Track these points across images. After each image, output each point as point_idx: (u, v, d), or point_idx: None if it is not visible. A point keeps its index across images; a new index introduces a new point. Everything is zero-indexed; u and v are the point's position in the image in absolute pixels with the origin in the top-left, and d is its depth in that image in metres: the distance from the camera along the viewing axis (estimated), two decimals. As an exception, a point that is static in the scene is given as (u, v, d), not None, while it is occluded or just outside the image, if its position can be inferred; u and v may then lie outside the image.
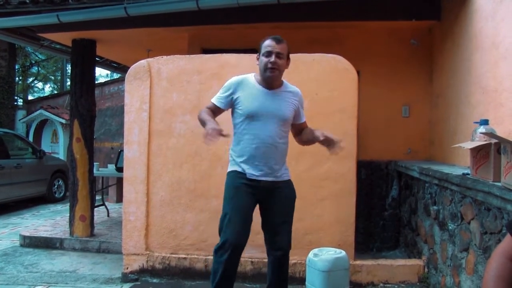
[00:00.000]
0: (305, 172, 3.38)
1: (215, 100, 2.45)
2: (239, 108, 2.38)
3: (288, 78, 3.40)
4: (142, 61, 3.64)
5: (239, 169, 2.39)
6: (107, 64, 6.91)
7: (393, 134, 4.46)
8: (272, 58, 2.29)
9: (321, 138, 2.41)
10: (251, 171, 2.36)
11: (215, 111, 2.43)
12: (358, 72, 3.48)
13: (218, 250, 2.31)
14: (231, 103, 2.43)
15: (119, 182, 6.54)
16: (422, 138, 4.47)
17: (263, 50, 2.33)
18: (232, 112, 2.47)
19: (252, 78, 2.43)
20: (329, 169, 3.40)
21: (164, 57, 3.61)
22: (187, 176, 3.52)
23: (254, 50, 4.24)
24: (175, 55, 3.60)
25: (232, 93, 2.40)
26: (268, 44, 2.33)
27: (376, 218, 4.53)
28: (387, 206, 4.52)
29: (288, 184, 2.50)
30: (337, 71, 3.42)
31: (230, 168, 2.46)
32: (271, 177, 2.39)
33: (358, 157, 3.49)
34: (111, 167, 6.24)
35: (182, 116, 3.54)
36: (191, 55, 3.75)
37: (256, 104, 2.35)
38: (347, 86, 3.40)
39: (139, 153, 3.57)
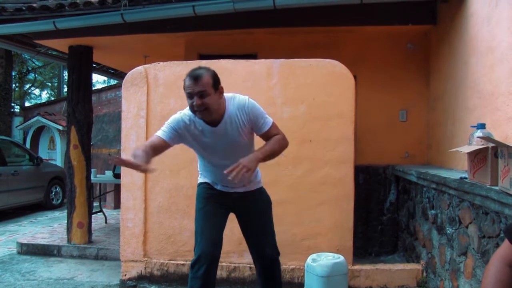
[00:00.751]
0: (303, 177, 3.38)
1: (162, 133, 2.21)
2: (189, 146, 2.29)
3: (285, 83, 3.44)
4: (139, 67, 3.64)
5: (211, 181, 2.38)
6: (104, 70, 6.91)
7: (390, 138, 4.47)
8: (195, 101, 2.05)
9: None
10: (221, 187, 2.35)
11: (160, 147, 2.21)
12: (355, 77, 3.49)
13: (194, 265, 2.21)
14: (178, 140, 2.24)
15: (117, 188, 6.51)
16: (419, 142, 4.48)
17: (185, 91, 2.11)
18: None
19: (192, 116, 2.19)
20: (327, 174, 3.40)
21: (161, 63, 3.61)
22: (185, 182, 3.51)
23: (251, 55, 4.30)
24: (172, 61, 3.60)
25: (177, 136, 2.21)
26: (187, 85, 2.08)
27: (374, 223, 4.52)
28: (385, 211, 4.52)
29: (260, 191, 2.44)
30: (334, 76, 3.42)
31: (199, 180, 2.45)
32: (241, 188, 2.33)
33: (355, 162, 3.49)
34: (109, 173, 6.23)
35: (180, 122, 3.53)
36: (188, 61, 3.75)
37: (206, 143, 2.21)
38: (344, 91, 3.41)
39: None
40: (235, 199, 2.35)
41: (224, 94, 2.19)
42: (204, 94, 2.05)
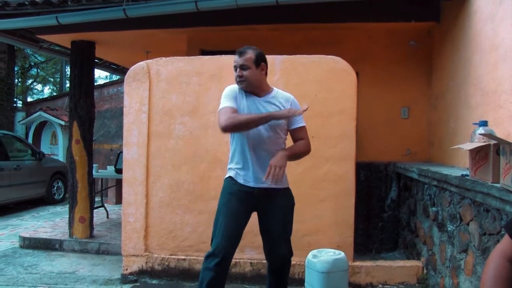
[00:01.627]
0: (304, 173, 3.38)
1: (230, 103, 2.33)
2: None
3: (287, 79, 3.44)
4: (141, 62, 3.64)
5: (234, 176, 2.39)
6: (106, 66, 6.90)
7: (392, 135, 4.46)
8: (237, 72, 2.35)
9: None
10: (245, 179, 2.35)
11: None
12: (357, 74, 3.48)
13: (208, 257, 2.28)
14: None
15: (119, 183, 6.52)
16: (421, 140, 4.47)
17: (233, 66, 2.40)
18: None
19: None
20: (328, 170, 3.39)
21: (163, 58, 3.61)
22: (186, 178, 3.52)
23: (253, 51, 4.28)
24: (174, 57, 3.60)
25: (235, 97, 2.38)
26: (234, 59, 2.38)
27: (375, 220, 4.52)
28: (386, 208, 4.52)
29: (286, 191, 2.45)
30: (336, 72, 3.42)
31: (227, 174, 2.46)
32: (267, 184, 2.32)
33: (357, 159, 3.48)
34: (110, 168, 6.23)
35: (181, 117, 3.54)
36: (190, 57, 3.75)
37: (247, 111, 2.34)
38: (346, 88, 3.40)
39: (138, 155, 3.57)
40: (259, 197, 2.35)
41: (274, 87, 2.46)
42: (245, 67, 2.32)
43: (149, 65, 3.61)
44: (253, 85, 2.35)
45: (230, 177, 2.41)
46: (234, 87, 2.42)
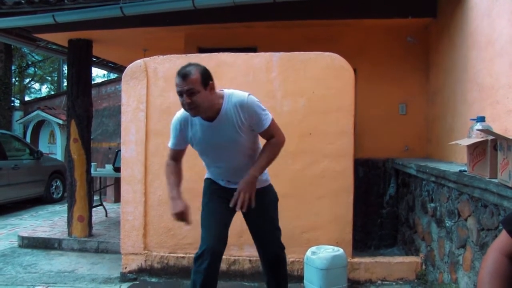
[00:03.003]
0: (302, 170, 3.38)
1: (171, 144, 2.32)
2: (193, 146, 2.31)
3: (284, 76, 3.43)
4: (139, 60, 3.63)
5: (214, 177, 2.40)
6: (103, 64, 6.89)
7: (390, 132, 4.46)
8: (185, 99, 2.04)
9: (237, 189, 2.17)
10: (224, 183, 2.36)
11: (177, 154, 2.35)
12: (354, 70, 3.47)
13: (197, 259, 2.23)
14: (185, 140, 2.29)
15: (117, 182, 6.51)
16: (419, 136, 4.48)
17: (176, 90, 2.09)
18: None
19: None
20: (326, 167, 3.40)
21: (161, 56, 3.60)
22: (185, 175, 3.47)
23: (251, 49, 4.28)
24: (172, 55, 3.59)
25: (180, 132, 2.26)
26: (176, 83, 2.06)
27: (374, 216, 4.53)
28: (385, 204, 4.53)
29: (265, 189, 2.41)
30: (333, 69, 3.41)
31: (206, 175, 2.46)
32: None
33: (355, 155, 3.48)
34: (109, 167, 6.23)
35: (179, 115, 3.53)
36: (187, 54, 3.74)
37: (204, 140, 2.22)
38: (344, 84, 3.40)
39: (137, 153, 3.56)
40: None
41: (224, 90, 2.18)
42: (193, 92, 2.02)
43: (147, 63, 3.60)
44: (205, 110, 2.09)
45: (209, 178, 2.43)
46: (179, 116, 2.24)
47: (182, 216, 2.22)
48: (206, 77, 2.07)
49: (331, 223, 3.40)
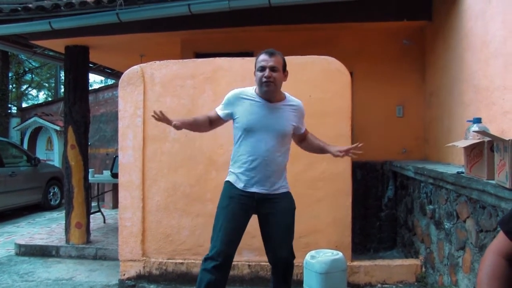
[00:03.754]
0: (301, 173, 3.38)
1: (218, 109, 2.45)
2: (237, 122, 2.39)
3: None
4: (135, 66, 3.64)
5: (235, 180, 2.39)
6: (100, 70, 6.89)
7: (387, 134, 4.48)
8: (266, 72, 2.27)
9: (341, 155, 2.45)
10: (246, 183, 2.36)
11: (215, 120, 2.46)
12: (351, 73, 3.50)
13: (207, 259, 2.30)
14: (230, 116, 2.43)
15: (115, 188, 6.50)
16: (416, 138, 4.49)
17: (257, 65, 2.33)
18: (233, 124, 2.47)
19: (251, 91, 2.41)
20: (325, 170, 3.40)
21: (157, 62, 3.61)
22: (182, 181, 3.51)
23: (247, 53, 4.29)
24: (168, 60, 3.60)
25: (231, 107, 2.40)
26: (261, 59, 2.32)
27: (373, 219, 4.53)
28: (383, 207, 4.53)
29: (286, 196, 2.45)
30: (329, 72, 3.43)
31: (227, 178, 2.46)
32: (267, 190, 2.36)
33: (353, 158, 3.47)
34: (107, 173, 6.22)
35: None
36: (184, 60, 3.75)
37: (254, 117, 2.33)
38: (340, 87, 3.41)
39: (134, 159, 3.56)
40: (259, 201, 2.35)
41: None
42: (276, 69, 2.29)
43: (143, 68, 3.61)
44: (276, 90, 2.34)
45: (230, 181, 2.41)
46: (238, 92, 2.42)
47: (162, 116, 2.36)
48: (285, 64, 2.38)
49: (330, 226, 3.40)
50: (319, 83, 3.43)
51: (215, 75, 3.49)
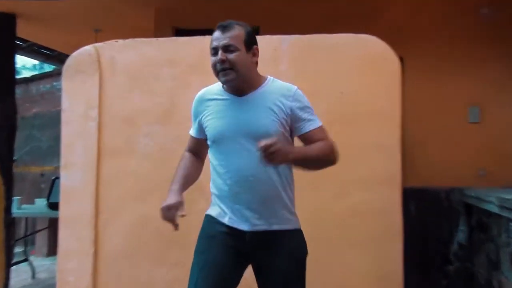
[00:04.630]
0: (327, 204, 3.45)
1: (191, 130, 2.60)
2: (206, 131, 2.46)
3: (298, 70, 3.50)
4: (88, 46, 3.71)
5: (218, 213, 2.44)
6: (34, 50, 6.96)
7: (455, 148, 4.51)
8: (219, 55, 2.27)
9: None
10: (232, 216, 2.38)
11: (198, 147, 2.58)
12: (401, 59, 3.54)
13: None
14: (203, 129, 2.49)
15: (53, 225, 6.50)
16: (500, 154, 4.52)
17: (210, 48, 2.34)
18: None
19: (218, 87, 2.46)
20: (362, 200, 3.44)
21: (120, 41, 3.69)
22: (156, 214, 3.42)
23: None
24: (137, 39, 3.68)
25: (198, 118, 2.49)
26: (213, 37, 2.32)
27: (437, 274, 4.54)
28: (452, 257, 4.53)
29: (293, 235, 2.43)
30: (370, 58, 3.50)
31: (208, 210, 2.52)
32: (262, 225, 2.35)
33: (404, 183, 3.50)
34: (41, 202, 6.27)
35: (148, 126, 3.63)
36: (159, 39, 3.82)
37: (221, 123, 2.37)
38: (386, 80, 3.49)
39: (84, 181, 3.63)
40: (253, 243, 2.36)
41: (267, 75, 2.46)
42: (231, 49, 2.27)
43: (100, 50, 3.69)
44: (242, 76, 2.30)
45: (210, 215, 2.47)
46: (201, 92, 2.53)
47: (170, 210, 2.33)
48: (251, 37, 2.36)
49: (370, 282, 3.42)
50: (354, 74, 3.50)
51: (204, 61, 3.49)
